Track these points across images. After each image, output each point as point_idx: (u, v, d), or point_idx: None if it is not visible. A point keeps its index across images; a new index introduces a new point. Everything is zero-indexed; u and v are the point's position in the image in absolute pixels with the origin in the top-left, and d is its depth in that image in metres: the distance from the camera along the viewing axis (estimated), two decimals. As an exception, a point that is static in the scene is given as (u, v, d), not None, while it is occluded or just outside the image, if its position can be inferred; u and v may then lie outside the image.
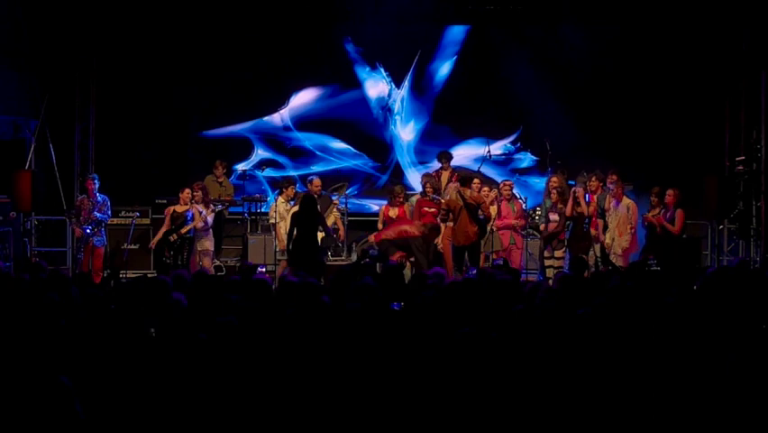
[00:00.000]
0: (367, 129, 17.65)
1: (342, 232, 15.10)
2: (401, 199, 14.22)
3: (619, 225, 13.63)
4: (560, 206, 13.82)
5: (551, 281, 10.42)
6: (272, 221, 14.69)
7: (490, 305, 8.17)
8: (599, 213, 13.79)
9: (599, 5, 16.78)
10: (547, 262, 13.88)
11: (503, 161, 17.36)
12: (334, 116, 17.51)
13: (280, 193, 15.18)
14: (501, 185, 14.70)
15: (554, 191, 13.96)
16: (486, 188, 14.32)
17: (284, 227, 13.99)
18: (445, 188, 14.68)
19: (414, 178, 17.14)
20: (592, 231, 13.75)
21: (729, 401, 5.08)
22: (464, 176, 14.13)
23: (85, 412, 5.12)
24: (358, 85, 17.58)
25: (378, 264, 12.06)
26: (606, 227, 13.71)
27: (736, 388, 5.16)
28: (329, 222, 14.37)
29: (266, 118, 17.58)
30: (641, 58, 16.87)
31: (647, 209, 13.72)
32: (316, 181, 14.76)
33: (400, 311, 7.12)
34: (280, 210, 14.51)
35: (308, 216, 12.74)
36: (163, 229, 14.07)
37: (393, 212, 14.17)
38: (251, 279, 8.62)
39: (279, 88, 17.50)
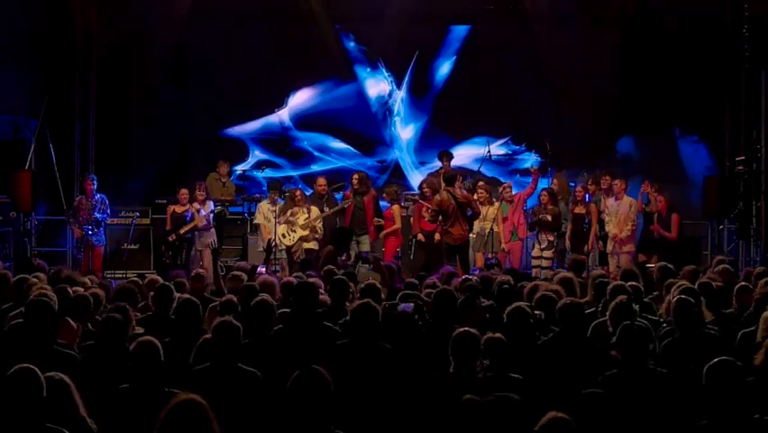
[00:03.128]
0: (366, 129, 17.65)
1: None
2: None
3: (620, 222, 13.73)
4: (550, 207, 13.90)
5: (537, 281, 10.43)
6: (256, 221, 14.73)
7: (489, 306, 8.19)
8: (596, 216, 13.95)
9: (599, 5, 16.78)
10: (535, 262, 13.94)
11: (504, 162, 17.35)
12: (333, 113, 17.50)
13: (282, 194, 15.23)
14: (501, 188, 14.75)
15: (544, 192, 14.05)
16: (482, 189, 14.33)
17: (268, 228, 14.26)
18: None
19: (414, 178, 17.16)
20: (590, 241, 13.85)
21: None
22: (449, 176, 14.02)
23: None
24: (354, 78, 17.57)
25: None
26: (602, 231, 13.90)
27: None
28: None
29: (271, 118, 17.60)
30: (641, 57, 16.87)
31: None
32: (320, 181, 14.77)
33: (408, 312, 7.06)
34: (264, 211, 14.57)
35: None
36: (168, 221, 14.22)
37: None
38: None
39: (280, 88, 17.51)
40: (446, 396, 5.34)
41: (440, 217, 13.31)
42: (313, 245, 14.09)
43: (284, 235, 14.12)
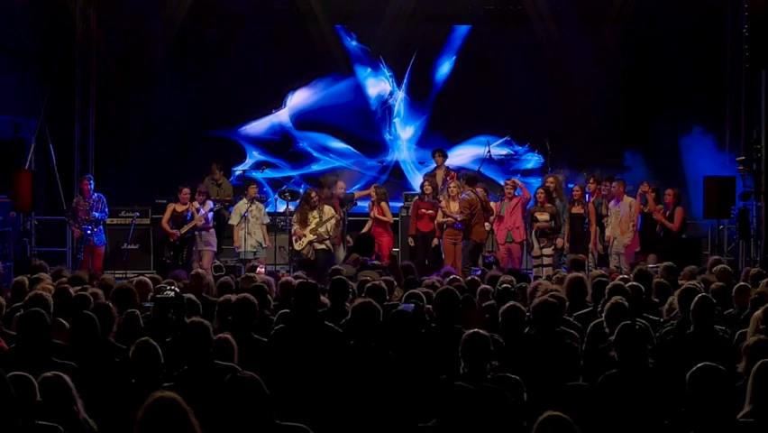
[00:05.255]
0: (366, 128, 17.64)
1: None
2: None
3: (621, 223, 13.77)
4: (547, 205, 13.93)
5: (539, 280, 10.46)
6: (230, 222, 14.73)
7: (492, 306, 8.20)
8: (597, 219, 13.96)
9: (599, 5, 16.80)
10: (536, 262, 13.96)
11: (505, 162, 17.33)
12: (333, 112, 17.47)
13: (281, 193, 15.23)
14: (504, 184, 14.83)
15: (541, 190, 14.06)
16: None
17: (240, 230, 14.38)
18: (441, 188, 14.68)
19: (414, 178, 17.15)
20: (592, 242, 13.89)
21: None
22: (472, 176, 14.23)
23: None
24: (354, 77, 17.55)
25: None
26: (602, 233, 13.91)
27: None
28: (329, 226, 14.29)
29: (273, 119, 17.58)
30: (641, 57, 16.89)
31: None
32: (341, 184, 14.82)
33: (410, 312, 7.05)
34: (241, 210, 14.55)
35: None
36: (166, 217, 14.26)
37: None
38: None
39: (280, 88, 17.50)
40: (458, 397, 5.34)
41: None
42: (324, 246, 14.09)
43: (295, 240, 14.19)
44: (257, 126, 17.58)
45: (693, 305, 6.86)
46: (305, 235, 14.07)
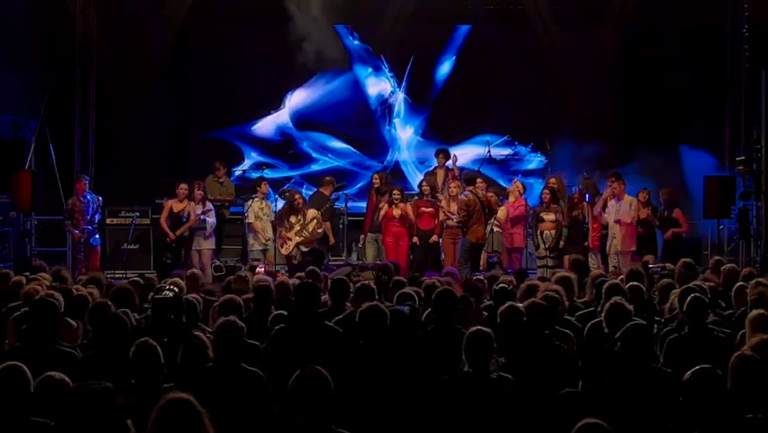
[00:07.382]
0: (366, 128, 17.62)
1: (331, 239, 14.97)
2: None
3: (621, 222, 13.78)
4: (553, 205, 13.93)
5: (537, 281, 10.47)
6: (248, 220, 14.75)
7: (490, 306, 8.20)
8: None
9: (599, 5, 16.80)
10: (541, 262, 13.95)
11: (505, 162, 17.31)
12: (332, 112, 17.43)
13: (281, 193, 15.23)
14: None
15: (546, 191, 14.05)
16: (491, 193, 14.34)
17: (260, 225, 14.44)
18: (442, 188, 14.67)
19: (414, 178, 17.14)
20: (592, 243, 13.88)
21: None
22: (471, 176, 14.24)
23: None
24: (355, 79, 17.53)
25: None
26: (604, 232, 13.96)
27: None
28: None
29: (274, 120, 17.56)
30: (641, 57, 16.88)
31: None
32: (329, 178, 14.86)
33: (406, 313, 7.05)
34: (255, 209, 14.58)
35: None
36: (164, 216, 14.26)
37: (396, 211, 14.24)
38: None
39: (280, 88, 17.48)
40: (462, 395, 5.33)
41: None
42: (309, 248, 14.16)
43: (281, 245, 14.24)
44: (263, 127, 17.56)
45: (685, 305, 6.89)
46: (290, 239, 14.14)
